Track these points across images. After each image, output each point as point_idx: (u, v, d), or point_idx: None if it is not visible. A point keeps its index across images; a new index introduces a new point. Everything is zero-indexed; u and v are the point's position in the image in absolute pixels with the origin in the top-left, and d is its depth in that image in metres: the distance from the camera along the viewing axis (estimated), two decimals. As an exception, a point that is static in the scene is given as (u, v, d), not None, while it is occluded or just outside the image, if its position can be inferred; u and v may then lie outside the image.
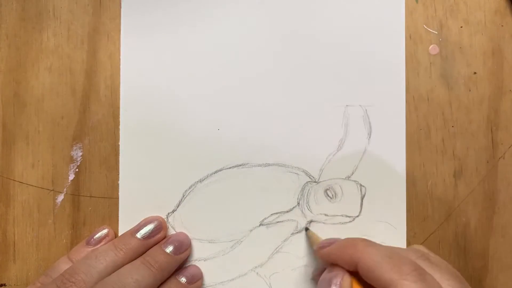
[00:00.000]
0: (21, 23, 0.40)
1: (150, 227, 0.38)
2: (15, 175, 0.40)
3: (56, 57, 0.40)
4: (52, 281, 0.35)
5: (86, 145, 0.40)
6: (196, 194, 0.39)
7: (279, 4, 0.39)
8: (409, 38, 0.39)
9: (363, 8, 0.39)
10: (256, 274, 0.38)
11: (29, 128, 0.40)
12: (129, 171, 0.39)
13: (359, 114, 0.38)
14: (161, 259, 0.36)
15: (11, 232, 0.40)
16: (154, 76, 0.39)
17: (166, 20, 0.40)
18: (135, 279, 0.35)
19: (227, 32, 0.39)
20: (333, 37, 0.39)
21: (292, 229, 0.38)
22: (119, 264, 0.36)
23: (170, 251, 0.37)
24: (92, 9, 0.40)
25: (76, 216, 0.40)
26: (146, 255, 0.37)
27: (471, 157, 0.38)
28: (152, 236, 0.38)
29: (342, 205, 0.38)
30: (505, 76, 0.38)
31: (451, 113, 0.38)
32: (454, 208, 0.38)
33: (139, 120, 0.39)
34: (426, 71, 0.38)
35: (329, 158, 0.38)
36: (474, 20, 0.38)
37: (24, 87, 0.40)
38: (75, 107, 0.40)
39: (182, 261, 0.38)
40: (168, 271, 0.37)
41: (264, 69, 0.39)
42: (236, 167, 0.39)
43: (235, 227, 0.39)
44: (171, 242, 0.38)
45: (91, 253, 0.37)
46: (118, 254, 0.36)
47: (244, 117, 0.39)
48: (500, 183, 0.38)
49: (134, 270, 0.35)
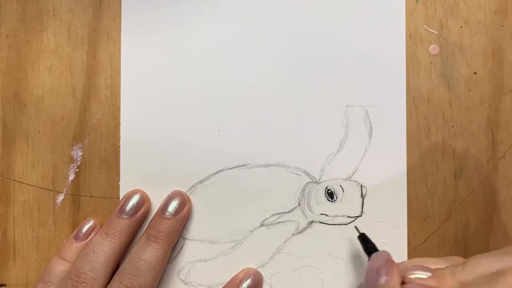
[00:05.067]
0: (21, 23, 0.40)
1: (133, 201, 0.38)
2: (15, 175, 0.40)
3: (56, 57, 0.40)
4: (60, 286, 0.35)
5: (86, 145, 0.40)
6: (197, 195, 0.39)
7: (280, 5, 0.39)
8: (409, 38, 0.39)
9: (363, 8, 0.39)
10: (257, 275, 0.39)
11: (29, 128, 0.40)
12: (129, 171, 0.39)
13: (359, 114, 0.38)
14: (163, 227, 0.36)
15: (11, 232, 0.40)
16: (154, 76, 0.39)
17: (167, 20, 0.39)
18: (145, 259, 0.35)
19: (227, 32, 0.39)
20: (333, 37, 0.39)
21: (293, 230, 0.38)
22: (118, 250, 0.37)
23: (170, 215, 0.37)
24: (92, 9, 0.40)
25: (76, 216, 0.40)
26: (148, 228, 0.37)
27: (471, 157, 0.38)
28: (138, 210, 0.38)
29: (343, 206, 0.38)
30: (505, 76, 0.38)
31: (451, 113, 0.38)
32: (454, 208, 0.38)
33: (139, 120, 0.39)
34: (426, 71, 0.38)
35: (330, 159, 0.38)
36: (474, 20, 0.38)
37: (24, 87, 0.40)
38: (75, 107, 0.40)
39: (187, 218, 0.38)
40: (175, 234, 0.37)
41: (265, 70, 0.39)
42: (237, 167, 0.39)
43: (236, 228, 0.39)
44: (167, 205, 0.37)
45: (87, 249, 0.37)
46: (113, 240, 0.36)
47: (245, 118, 0.39)
48: (500, 183, 0.38)
49: (141, 250, 0.36)
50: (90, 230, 0.38)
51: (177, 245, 0.39)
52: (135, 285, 0.35)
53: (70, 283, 0.35)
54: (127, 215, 0.37)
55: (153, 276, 0.35)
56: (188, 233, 0.39)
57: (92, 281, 0.35)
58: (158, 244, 0.36)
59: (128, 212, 0.37)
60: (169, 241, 0.37)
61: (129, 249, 0.38)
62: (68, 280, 0.35)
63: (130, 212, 0.37)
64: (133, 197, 0.38)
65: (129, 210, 0.37)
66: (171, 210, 0.37)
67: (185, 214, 0.38)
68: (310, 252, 0.38)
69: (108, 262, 0.36)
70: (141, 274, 0.35)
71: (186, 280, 0.39)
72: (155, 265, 0.35)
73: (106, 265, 0.36)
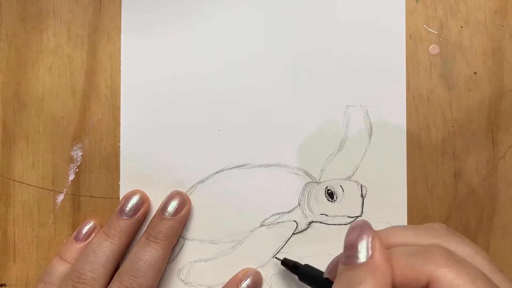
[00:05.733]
0: (21, 23, 0.40)
1: (133, 202, 0.38)
2: (15, 175, 0.40)
3: (56, 57, 0.40)
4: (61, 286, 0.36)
5: (86, 145, 0.40)
6: (197, 195, 0.39)
7: (279, 4, 0.39)
8: (409, 38, 0.39)
9: (363, 8, 0.39)
10: (257, 275, 0.39)
11: (29, 128, 0.40)
12: (129, 171, 0.39)
13: (359, 114, 0.38)
14: (163, 228, 0.36)
15: (11, 232, 0.40)
16: (154, 76, 0.39)
17: (166, 20, 0.39)
18: (145, 260, 0.35)
19: (227, 32, 0.39)
20: (333, 37, 0.39)
21: (293, 230, 0.38)
22: (118, 250, 0.37)
23: (169, 215, 0.37)
24: (92, 9, 0.40)
25: (76, 216, 0.40)
26: (148, 229, 0.37)
27: (471, 157, 0.38)
28: (138, 211, 0.38)
29: (343, 206, 0.38)
30: (505, 76, 0.38)
31: (451, 113, 0.38)
32: (454, 208, 0.38)
33: (139, 120, 0.39)
34: (426, 71, 0.38)
35: (330, 159, 0.38)
36: (474, 20, 0.38)
37: (24, 87, 0.40)
38: (75, 107, 0.40)
39: (186, 218, 0.38)
40: (175, 235, 0.37)
41: (265, 69, 0.39)
42: (237, 167, 0.39)
43: (236, 228, 0.39)
44: (166, 206, 0.37)
45: (87, 250, 0.37)
46: (113, 241, 0.37)
47: (245, 118, 0.39)
48: (500, 183, 0.38)
49: (141, 251, 0.36)
50: (90, 231, 0.38)
51: (177, 245, 0.39)
52: (134, 286, 0.35)
53: (70, 284, 0.35)
54: (126, 215, 0.37)
55: (153, 276, 0.36)
56: (188, 233, 0.39)
57: (92, 282, 0.35)
58: (158, 244, 0.36)
59: (127, 213, 0.37)
60: (169, 242, 0.37)
61: (129, 250, 0.38)
62: (68, 281, 0.35)
63: (129, 213, 0.37)
64: (133, 197, 0.38)
65: (128, 210, 0.37)
66: (170, 211, 0.37)
67: (184, 214, 0.38)
68: (310, 252, 0.38)
69: (108, 263, 0.36)
70: (141, 274, 0.35)
71: (186, 280, 0.39)
72: (155, 266, 0.36)
73: (106, 265, 0.36)
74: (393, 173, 0.38)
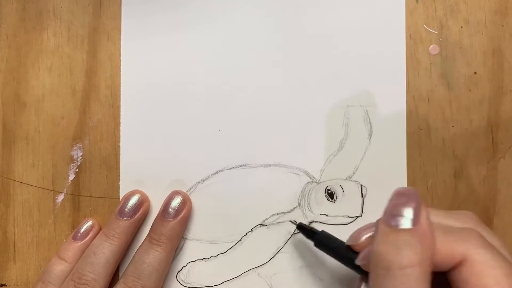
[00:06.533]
0: (21, 23, 0.40)
1: (132, 202, 0.38)
2: (15, 175, 0.40)
3: (56, 57, 0.40)
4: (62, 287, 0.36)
5: (86, 145, 0.40)
6: (197, 195, 0.39)
7: (280, 5, 0.39)
8: (410, 38, 0.39)
9: (363, 8, 0.39)
10: (257, 275, 0.39)
11: (29, 128, 0.40)
12: (129, 171, 0.39)
13: (359, 114, 0.38)
14: (164, 230, 0.37)
15: (11, 232, 0.40)
16: (154, 76, 0.39)
17: (167, 20, 0.39)
18: (148, 263, 0.36)
19: (227, 32, 0.39)
20: (333, 37, 0.39)
21: (293, 230, 0.38)
22: (118, 251, 0.37)
23: (170, 217, 0.37)
24: (92, 9, 0.40)
25: (76, 216, 0.40)
26: (150, 232, 0.37)
27: (471, 157, 0.38)
28: (137, 211, 0.38)
29: (343, 206, 0.38)
30: (505, 76, 0.38)
31: (451, 113, 0.38)
32: (454, 208, 0.38)
33: (139, 120, 0.39)
34: (426, 71, 0.38)
35: (330, 159, 0.38)
36: (474, 20, 0.38)
37: (24, 87, 0.40)
38: (75, 107, 0.40)
39: (187, 218, 0.38)
40: (177, 236, 0.37)
41: (265, 70, 0.39)
42: (237, 167, 0.39)
43: (235, 228, 0.39)
44: (167, 208, 0.37)
45: (88, 251, 0.37)
46: (113, 242, 0.37)
47: (245, 118, 0.39)
48: (500, 183, 0.38)
49: (144, 253, 0.36)
50: (88, 230, 0.38)
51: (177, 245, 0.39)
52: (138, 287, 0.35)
53: (72, 284, 0.36)
54: (126, 216, 0.37)
55: (156, 278, 0.36)
56: (188, 233, 0.39)
57: (93, 283, 0.36)
58: (161, 247, 0.36)
59: (127, 213, 0.37)
60: (172, 243, 0.37)
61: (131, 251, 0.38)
62: (70, 282, 0.36)
63: (129, 214, 0.37)
64: (132, 198, 0.38)
65: (128, 211, 0.38)
66: (171, 212, 0.37)
67: (185, 215, 0.38)
68: (310, 252, 0.38)
69: (108, 264, 0.36)
70: (145, 277, 0.35)
71: (186, 280, 0.39)
72: (158, 268, 0.36)
73: (106, 266, 0.36)
74: (393, 173, 0.38)
